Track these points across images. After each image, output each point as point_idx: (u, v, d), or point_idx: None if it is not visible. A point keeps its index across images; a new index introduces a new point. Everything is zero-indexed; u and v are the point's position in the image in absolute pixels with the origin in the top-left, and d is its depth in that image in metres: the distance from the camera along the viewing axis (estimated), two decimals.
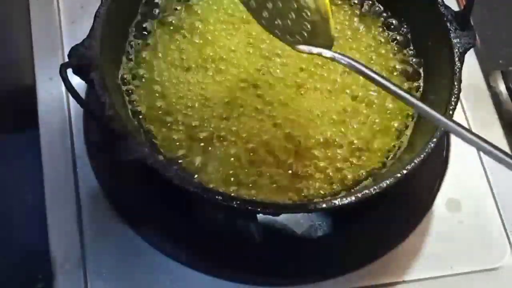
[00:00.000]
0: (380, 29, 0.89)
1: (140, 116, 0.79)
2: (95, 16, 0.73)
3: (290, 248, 0.85)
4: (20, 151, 0.91)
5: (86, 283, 0.80)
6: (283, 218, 0.84)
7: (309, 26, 0.64)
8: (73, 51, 0.71)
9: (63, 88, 0.90)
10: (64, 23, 0.96)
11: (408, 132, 0.82)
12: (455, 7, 0.93)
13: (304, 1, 0.62)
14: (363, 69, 0.61)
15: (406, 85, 0.85)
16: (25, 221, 0.87)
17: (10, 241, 0.87)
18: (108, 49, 0.74)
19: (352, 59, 0.63)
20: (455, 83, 0.76)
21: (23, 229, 0.87)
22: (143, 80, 0.82)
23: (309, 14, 0.63)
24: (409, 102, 0.59)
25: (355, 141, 0.80)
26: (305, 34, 0.65)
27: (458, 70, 0.77)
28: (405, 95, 0.59)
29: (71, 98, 0.89)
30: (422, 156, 0.72)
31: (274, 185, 0.76)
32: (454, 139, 0.93)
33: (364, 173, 0.78)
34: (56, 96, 0.91)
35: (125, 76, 0.81)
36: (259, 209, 0.68)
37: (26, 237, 0.87)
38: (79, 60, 0.70)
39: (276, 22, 0.68)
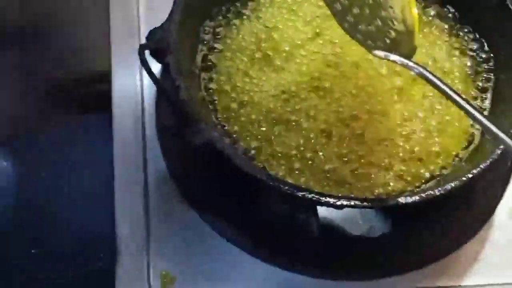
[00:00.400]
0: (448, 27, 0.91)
1: (214, 104, 0.82)
2: (175, 1, 0.75)
3: (348, 245, 0.85)
4: (92, 132, 0.94)
5: (149, 264, 0.82)
6: (342, 217, 0.84)
7: (393, 34, 0.65)
8: (152, 34, 0.73)
9: (138, 72, 0.93)
10: (142, 9, 0.99)
11: (476, 139, 0.82)
12: None
13: (392, 11, 0.63)
14: (435, 80, 0.62)
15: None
16: (92, 201, 0.89)
17: (75, 218, 0.89)
18: (186, 34, 0.76)
19: (425, 69, 0.64)
20: None
21: (90, 208, 0.89)
22: (217, 69, 0.84)
23: (395, 23, 0.64)
24: (478, 121, 0.60)
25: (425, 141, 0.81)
26: (388, 41, 0.66)
27: None
28: (475, 113, 0.60)
29: (145, 82, 0.92)
30: (488, 161, 0.72)
31: (341, 180, 0.78)
32: None
33: (428, 174, 0.79)
34: (131, 80, 0.93)
35: (201, 63, 0.84)
36: (322, 200, 0.69)
37: (91, 216, 0.89)
38: (156, 43, 0.72)
39: (359, 27, 0.69)
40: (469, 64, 0.88)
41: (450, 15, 0.91)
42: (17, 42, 1.01)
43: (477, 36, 0.89)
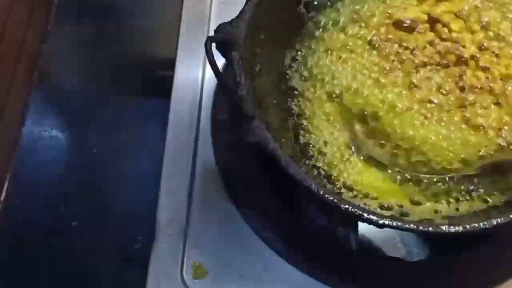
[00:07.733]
0: None
1: None
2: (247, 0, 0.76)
3: (383, 265, 0.85)
4: (148, 116, 0.95)
5: (184, 251, 0.83)
6: (382, 237, 0.84)
7: None
8: (220, 27, 0.73)
9: (201, 64, 0.94)
10: (215, 1, 1.00)
11: None
12: None
13: None
14: None
15: None
16: (138, 183, 0.90)
17: (119, 197, 0.90)
18: (255, 34, 0.76)
19: None
20: None
21: (134, 190, 0.90)
22: None
23: None
24: None
25: None
26: None
27: None
28: None
29: (206, 75, 0.93)
30: None
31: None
32: None
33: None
34: (194, 70, 0.94)
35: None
36: (364, 216, 0.68)
37: (135, 198, 0.90)
38: (224, 37, 0.73)
39: None
40: None
41: None
42: (94, 17, 1.04)
43: None
